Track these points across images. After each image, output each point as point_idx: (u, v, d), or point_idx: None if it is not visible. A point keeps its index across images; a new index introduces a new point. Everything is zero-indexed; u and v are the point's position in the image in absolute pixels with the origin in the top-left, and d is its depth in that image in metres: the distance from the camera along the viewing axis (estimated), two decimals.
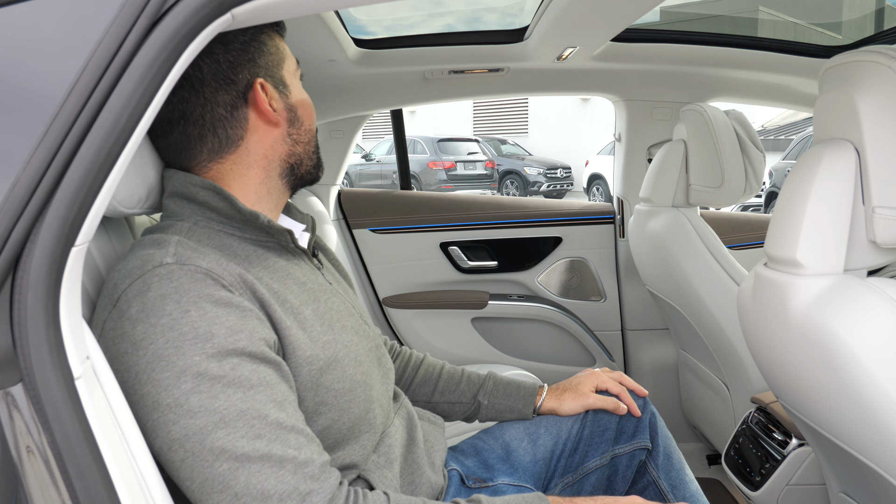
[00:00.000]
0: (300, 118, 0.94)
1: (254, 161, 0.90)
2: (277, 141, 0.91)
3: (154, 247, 0.78)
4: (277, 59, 0.92)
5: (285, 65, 0.93)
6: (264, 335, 0.76)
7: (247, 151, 0.89)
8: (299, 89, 0.96)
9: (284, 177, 0.94)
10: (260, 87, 0.88)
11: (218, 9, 0.59)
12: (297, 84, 0.96)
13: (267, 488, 0.69)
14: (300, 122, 0.94)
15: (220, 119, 0.86)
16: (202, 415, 0.69)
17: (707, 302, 1.67)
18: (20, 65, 0.57)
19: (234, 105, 0.87)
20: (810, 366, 0.90)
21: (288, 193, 0.97)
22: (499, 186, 12.42)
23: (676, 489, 1.13)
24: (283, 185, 0.94)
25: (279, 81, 0.91)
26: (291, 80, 0.94)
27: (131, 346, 0.71)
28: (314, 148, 0.98)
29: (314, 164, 0.98)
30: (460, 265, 2.36)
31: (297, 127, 0.94)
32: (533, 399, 1.17)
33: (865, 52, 0.87)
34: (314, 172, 0.99)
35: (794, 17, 2.26)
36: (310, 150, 0.96)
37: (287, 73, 0.93)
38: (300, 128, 0.94)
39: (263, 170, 0.91)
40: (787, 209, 0.94)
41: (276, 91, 0.91)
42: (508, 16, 2.01)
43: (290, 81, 0.93)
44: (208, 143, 0.87)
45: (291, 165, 0.94)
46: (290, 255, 0.91)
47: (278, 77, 0.91)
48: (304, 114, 0.95)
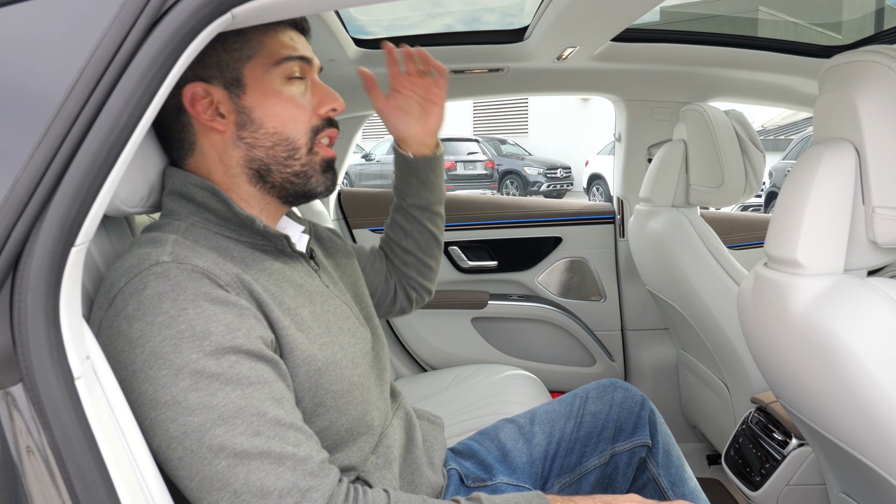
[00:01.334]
0: (255, 119, 0.86)
1: (213, 166, 0.87)
2: (228, 145, 0.86)
3: (151, 245, 0.78)
4: (238, 57, 0.85)
5: (253, 62, 0.85)
6: (262, 333, 0.76)
7: (203, 155, 0.87)
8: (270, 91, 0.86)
9: (256, 184, 0.88)
10: (200, 91, 0.84)
11: (218, 9, 0.59)
12: (271, 84, 0.86)
13: (266, 485, 0.69)
14: (255, 123, 0.86)
15: (171, 123, 0.87)
16: (200, 412, 0.69)
17: (707, 302, 1.67)
18: (20, 65, 0.57)
19: (179, 109, 0.85)
20: (810, 366, 0.90)
21: (276, 204, 0.91)
22: (499, 186, 12.42)
23: (676, 486, 1.13)
24: (260, 194, 0.89)
25: (233, 80, 0.85)
26: (258, 78, 0.85)
27: (128, 344, 0.71)
28: (290, 154, 0.88)
29: (298, 174, 0.89)
30: (460, 265, 2.36)
31: (252, 129, 0.86)
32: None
33: (865, 52, 0.87)
34: (302, 184, 0.89)
35: (794, 17, 2.26)
36: (279, 157, 0.87)
37: (252, 70, 0.85)
38: (257, 131, 0.86)
39: (225, 175, 0.87)
40: (787, 209, 0.94)
41: (226, 92, 0.85)
42: (508, 16, 2.01)
43: (251, 80, 0.85)
44: (172, 145, 0.88)
45: (257, 172, 0.87)
46: (287, 259, 0.91)
47: (233, 76, 0.85)
48: (264, 116, 0.86)
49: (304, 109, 0.88)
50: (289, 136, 0.87)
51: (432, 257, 1.25)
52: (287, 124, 0.87)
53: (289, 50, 0.87)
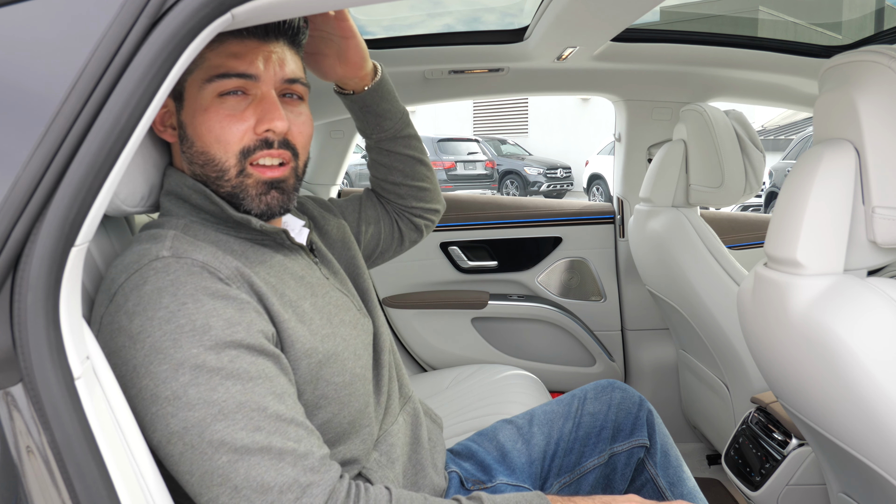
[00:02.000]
0: (189, 136, 0.83)
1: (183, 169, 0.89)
2: (180, 157, 0.87)
3: (150, 241, 0.78)
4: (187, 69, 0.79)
5: (193, 76, 0.82)
6: (262, 328, 0.76)
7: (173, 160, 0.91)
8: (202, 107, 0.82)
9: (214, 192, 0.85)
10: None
11: (218, 9, 0.59)
12: (204, 101, 0.82)
13: (266, 480, 0.69)
14: (189, 140, 0.83)
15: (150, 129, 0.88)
16: (201, 407, 0.69)
17: (707, 302, 1.67)
18: (20, 65, 0.57)
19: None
20: (810, 366, 0.90)
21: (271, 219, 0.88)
22: (499, 186, 12.41)
23: (674, 486, 1.13)
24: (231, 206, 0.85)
25: (177, 93, 0.83)
26: (194, 93, 0.82)
27: (129, 339, 0.71)
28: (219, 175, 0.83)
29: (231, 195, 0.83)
30: (460, 265, 2.36)
31: (187, 145, 0.84)
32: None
33: (865, 52, 0.87)
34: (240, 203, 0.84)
35: (794, 17, 2.26)
36: (211, 176, 0.83)
37: (191, 85, 0.82)
38: (190, 147, 0.84)
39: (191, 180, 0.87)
40: (787, 209, 0.94)
41: (174, 103, 0.84)
42: (507, 16, 2.01)
43: (189, 95, 0.82)
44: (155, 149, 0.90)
45: (203, 183, 0.85)
46: (287, 251, 0.90)
47: (177, 88, 0.83)
48: (194, 134, 0.83)
49: (232, 130, 0.82)
50: (214, 156, 0.82)
51: (423, 179, 1.22)
52: (211, 145, 0.82)
53: (228, 66, 0.81)
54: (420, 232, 1.27)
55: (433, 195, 1.25)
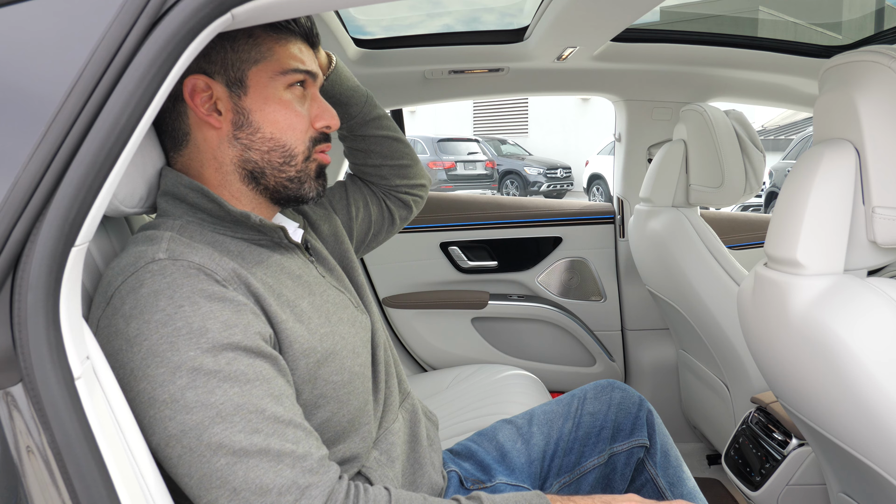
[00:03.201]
0: (254, 123, 0.87)
1: (205, 159, 0.88)
2: (223, 142, 0.87)
3: (147, 243, 0.78)
4: (245, 59, 0.86)
5: (259, 66, 0.86)
6: (259, 329, 0.76)
7: (196, 148, 0.88)
8: (271, 97, 0.87)
9: (248, 183, 0.89)
10: (202, 84, 0.84)
11: (218, 9, 0.59)
12: (273, 91, 0.87)
13: (265, 482, 0.69)
14: (253, 126, 0.87)
15: (166, 111, 0.87)
16: (199, 410, 0.69)
17: (707, 302, 1.67)
18: (20, 65, 0.57)
19: (175, 98, 0.86)
20: (810, 366, 0.90)
21: (267, 203, 0.92)
22: (499, 186, 12.41)
23: (674, 486, 1.13)
24: (251, 192, 0.90)
25: (235, 81, 0.86)
26: (262, 83, 0.87)
27: (126, 342, 0.71)
28: (285, 160, 0.89)
29: (291, 179, 0.90)
30: (460, 265, 2.36)
31: (249, 132, 0.87)
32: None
33: (865, 52, 0.87)
34: (294, 189, 0.91)
35: (794, 17, 2.26)
36: (274, 162, 0.88)
37: (257, 74, 0.86)
38: (253, 134, 0.87)
39: (216, 171, 0.88)
40: (787, 209, 0.94)
41: (227, 90, 0.86)
42: (507, 16, 2.01)
43: (254, 84, 0.86)
44: (166, 132, 0.89)
45: (251, 172, 0.88)
46: (284, 251, 0.91)
47: (237, 76, 0.86)
48: (262, 120, 0.87)
49: (302, 119, 0.90)
50: (286, 142, 0.89)
51: (402, 156, 1.24)
52: (284, 131, 0.88)
53: (297, 62, 0.89)
54: (409, 208, 1.28)
55: (416, 171, 1.26)
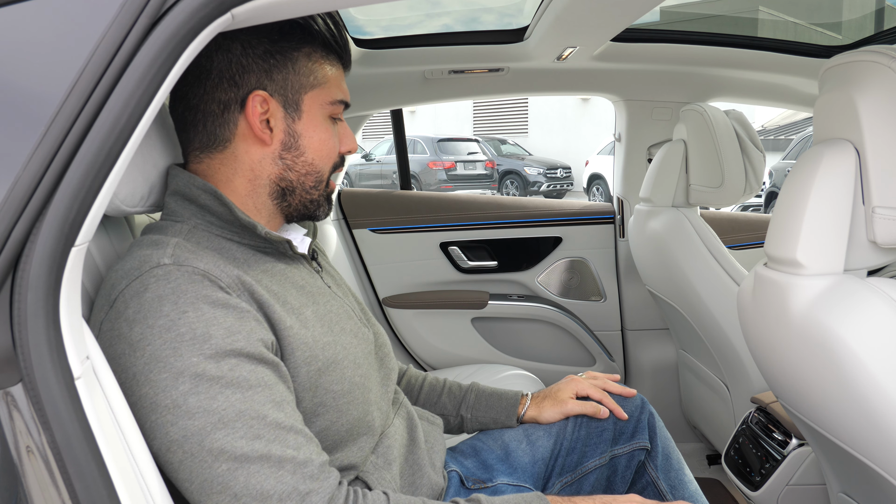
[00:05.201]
0: (300, 147, 0.90)
1: (240, 169, 0.88)
2: (266, 158, 0.88)
3: (152, 247, 0.78)
4: (304, 83, 0.88)
5: (314, 92, 0.89)
6: (262, 336, 0.76)
7: (234, 157, 0.88)
8: (318, 124, 0.91)
9: (275, 199, 0.91)
10: (260, 100, 0.85)
11: (218, 9, 0.59)
12: (320, 118, 0.91)
13: (266, 488, 0.69)
14: (299, 150, 0.90)
15: (211, 114, 0.86)
16: (200, 416, 0.69)
17: (707, 302, 1.67)
18: (20, 65, 0.57)
19: (228, 106, 0.86)
20: (810, 366, 0.90)
21: (280, 218, 0.94)
22: (499, 186, 12.41)
23: (675, 489, 1.13)
24: (273, 206, 0.92)
25: (292, 103, 0.88)
26: (313, 109, 0.90)
27: (129, 347, 0.71)
28: (315, 185, 0.92)
29: (312, 202, 0.93)
30: (460, 265, 2.36)
31: (294, 154, 0.89)
32: (515, 409, 1.18)
33: (865, 52, 0.87)
34: (311, 209, 0.95)
35: (794, 17, 2.27)
36: (307, 185, 0.91)
37: (311, 100, 0.89)
38: (298, 157, 0.90)
39: (249, 182, 0.89)
40: (787, 209, 0.94)
41: (283, 111, 0.87)
42: (506, 16, 2.02)
43: (307, 109, 0.89)
44: (199, 132, 0.88)
45: (282, 189, 0.90)
46: (289, 260, 0.91)
47: (293, 99, 0.88)
48: (308, 145, 0.90)
49: (335, 146, 0.94)
50: (320, 168, 0.92)
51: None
52: (323, 158, 0.92)
53: (342, 93, 0.93)
54: None
55: None
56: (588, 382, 1.19)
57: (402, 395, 1.09)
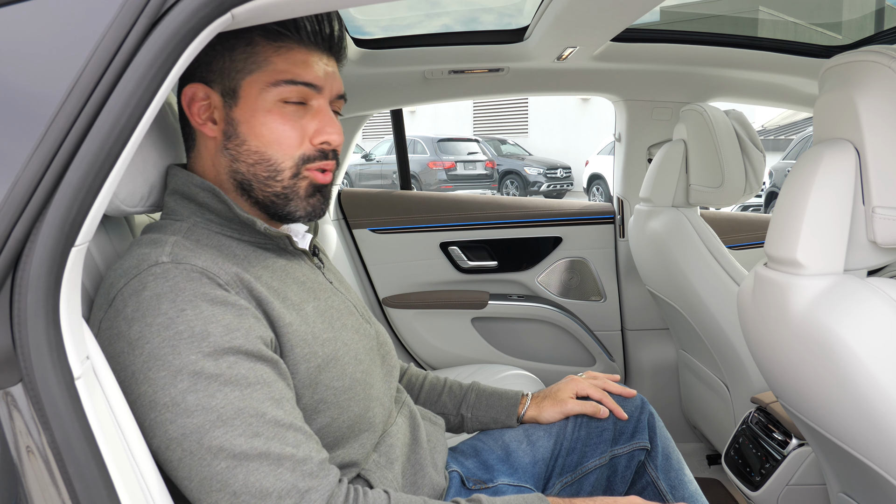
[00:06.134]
0: (240, 135, 0.84)
1: (206, 167, 0.88)
2: (218, 152, 0.86)
3: (150, 246, 0.78)
4: (241, 68, 0.83)
5: (253, 76, 0.83)
6: (261, 333, 0.76)
7: (199, 153, 0.89)
8: (258, 109, 0.84)
9: (241, 195, 0.87)
10: (202, 93, 0.84)
11: (218, 9, 0.59)
12: (263, 103, 0.84)
13: (265, 486, 0.69)
14: (240, 139, 0.84)
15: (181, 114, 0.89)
16: (199, 413, 0.69)
17: (707, 302, 1.67)
18: (20, 65, 0.57)
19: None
20: (810, 366, 0.90)
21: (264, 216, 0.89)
22: (499, 186, 12.41)
23: (675, 489, 1.13)
24: (247, 203, 0.88)
25: (229, 90, 0.84)
26: (252, 94, 0.84)
27: (127, 345, 0.71)
28: (270, 175, 0.85)
29: (278, 195, 0.86)
30: (460, 265, 2.36)
31: (236, 143, 0.85)
32: (516, 409, 1.18)
33: (865, 52, 0.87)
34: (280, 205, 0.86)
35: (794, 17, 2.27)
36: (260, 176, 0.85)
37: (249, 85, 0.84)
38: (240, 146, 0.85)
39: (216, 179, 0.88)
40: (787, 209, 0.94)
41: (222, 99, 0.85)
42: (505, 16, 2.02)
43: (245, 94, 0.84)
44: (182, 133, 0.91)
45: (240, 183, 0.86)
46: (290, 256, 0.91)
47: (230, 86, 0.84)
48: (248, 132, 0.84)
49: (292, 135, 0.85)
50: (270, 157, 0.85)
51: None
52: (269, 145, 0.84)
53: (294, 74, 0.84)
54: None
55: None
56: (588, 382, 1.19)
57: (405, 394, 1.09)
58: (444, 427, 1.15)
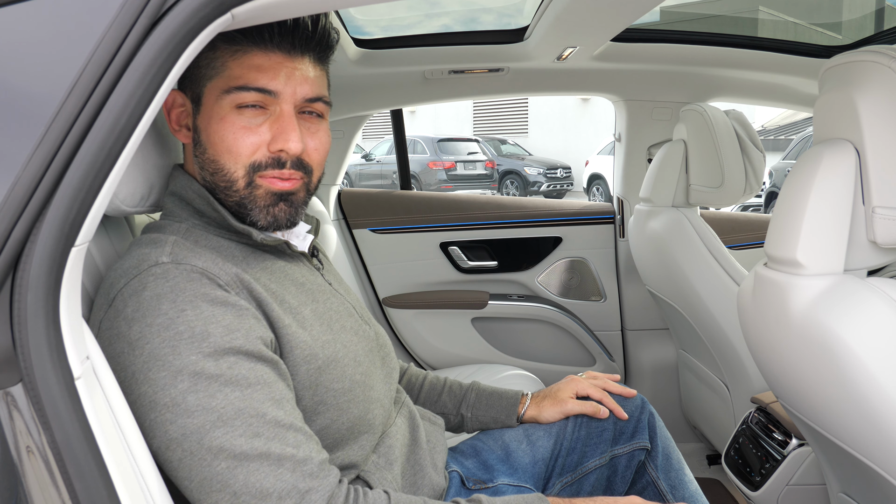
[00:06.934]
0: (202, 143, 0.84)
1: (192, 171, 0.89)
2: (193, 158, 0.87)
3: (150, 246, 0.78)
4: (204, 74, 0.83)
5: (212, 83, 0.82)
6: (261, 334, 0.76)
7: (186, 158, 0.91)
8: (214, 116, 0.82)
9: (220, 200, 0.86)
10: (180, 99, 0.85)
11: (218, 9, 0.59)
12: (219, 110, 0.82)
13: (265, 486, 0.69)
14: (202, 146, 0.84)
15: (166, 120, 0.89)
16: (200, 414, 0.69)
17: (707, 302, 1.67)
18: (20, 65, 0.57)
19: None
20: (810, 366, 0.90)
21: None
22: (499, 186, 12.41)
23: (676, 489, 1.13)
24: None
25: (195, 97, 0.84)
26: (210, 101, 0.82)
27: (127, 345, 0.71)
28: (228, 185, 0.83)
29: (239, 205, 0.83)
30: (460, 265, 2.36)
31: (200, 150, 0.84)
32: (515, 409, 1.18)
33: (865, 52, 0.87)
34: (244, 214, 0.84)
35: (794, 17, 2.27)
36: (220, 185, 0.83)
37: (209, 91, 0.82)
38: (203, 153, 0.84)
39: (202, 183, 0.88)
40: (787, 209, 0.94)
41: (192, 105, 0.85)
42: (505, 16, 2.02)
43: (206, 101, 0.83)
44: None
45: (210, 190, 0.85)
46: (289, 258, 0.91)
47: (196, 93, 0.84)
48: (207, 140, 0.83)
49: (245, 143, 0.81)
50: (223, 165, 0.82)
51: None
52: (222, 154, 0.82)
53: (249, 79, 0.81)
54: None
55: None
56: (588, 382, 1.19)
57: (404, 394, 1.09)
58: (444, 427, 1.14)
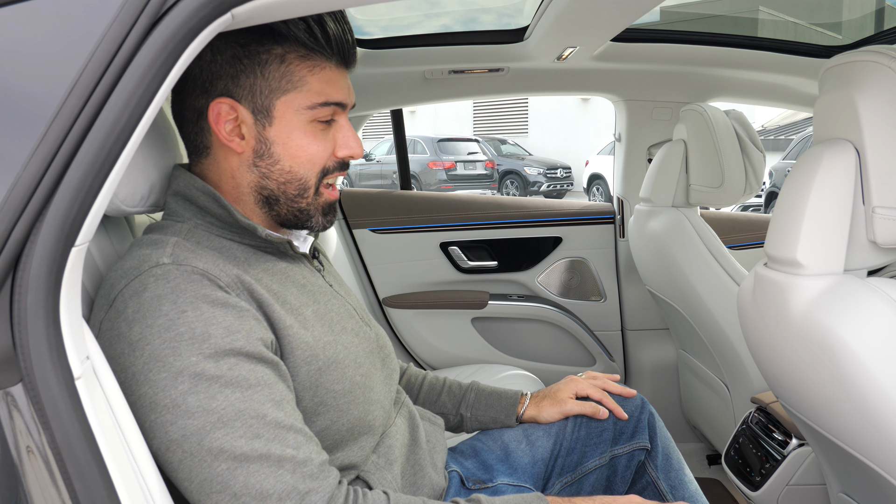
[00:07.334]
0: (274, 155, 0.85)
1: (223, 176, 0.87)
2: (242, 166, 0.86)
3: (151, 247, 0.78)
4: (275, 87, 0.83)
5: (288, 97, 0.84)
6: (261, 335, 0.76)
7: (216, 163, 0.87)
8: (294, 130, 0.85)
9: (262, 207, 0.88)
10: (226, 108, 0.83)
11: (218, 9, 0.59)
12: (297, 124, 0.85)
13: (266, 488, 0.69)
14: (273, 158, 0.85)
15: (187, 121, 0.87)
16: (200, 415, 0.69)
17: (707, 302, 1.67)
18: (20, 65, 0.57)
19: (201, 114, 0.85)
20: (810, 366, 0.90)
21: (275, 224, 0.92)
22: (499, 186, 12.41)
23: (676, 489, 1.13)
24: (263, 214, 0.89)
25: (262, 109, 0.84)
26: (288, 115, 0.84)
27: (128, 346, 0.71)
28: (300, 193, 0.87)
29: (302, 211, 0.89)
30: (460, 265, 2.36)
31: (268, 162, 0.85)
32: (515, 409, 1.18)
33: (865, 52, 0.87)
34: (302, 219, 0.89)
35: (794, 17, 2.27)
36: (289, 193, 0.87)
37: (285, 105, 0.84)
38: (273, 165, 0.85)
39: (234, 189, 0.87)
40: (787, 209, 0.94)
41: (253, 117, 0.84)
42: (505, 16, 2.02)
43: (280, 115, 0.84)
44: (185, 138, 0.89)
45: (265, 198, 0.87)
46: (290, 259, 0.91)
47: (264, 105, 0.83)
48: (283, 153, 0.85)
49: (322, 151, 0.87)
50: (302, 176, 0.87)
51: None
52: (303, 165, 0.86)
53: (327, 95, 0.85)
54: None
55: None
56: (588, 382, 1.19)
57: (403, 394, 1.09)
58: (444, 427, 1.14)
